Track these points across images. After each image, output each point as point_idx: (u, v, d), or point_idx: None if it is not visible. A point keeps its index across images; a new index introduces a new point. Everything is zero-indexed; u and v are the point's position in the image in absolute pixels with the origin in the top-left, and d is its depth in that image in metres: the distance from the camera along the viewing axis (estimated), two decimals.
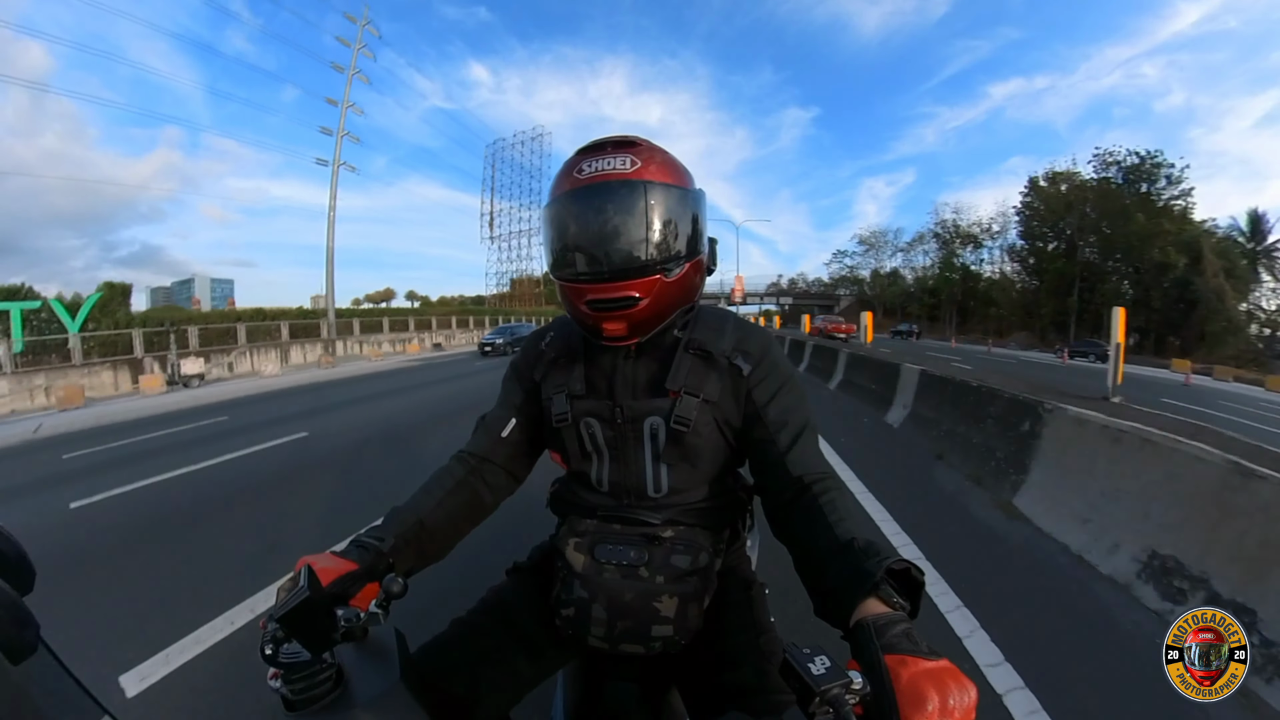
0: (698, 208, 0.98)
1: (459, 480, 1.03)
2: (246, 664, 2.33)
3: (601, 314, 0.95)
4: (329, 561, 0.80)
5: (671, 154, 1.00)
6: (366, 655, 0.81)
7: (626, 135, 0.97)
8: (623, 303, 0.93)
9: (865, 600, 0.65)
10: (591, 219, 0.93)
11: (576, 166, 0.94)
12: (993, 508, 3.84)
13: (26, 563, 0.64)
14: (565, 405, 1.02)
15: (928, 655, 0.55)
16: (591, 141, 0.98)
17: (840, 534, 0.77)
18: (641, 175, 0.92)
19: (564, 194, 0.95)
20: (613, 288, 0.92)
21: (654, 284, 0.93)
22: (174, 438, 8.17)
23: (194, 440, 7.78)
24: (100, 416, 11.21)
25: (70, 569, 3.45)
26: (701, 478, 1.01)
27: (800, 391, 1.00)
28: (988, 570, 2.96)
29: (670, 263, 0.94)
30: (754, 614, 1.00)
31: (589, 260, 0.94)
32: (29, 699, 0.56)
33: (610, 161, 0.92)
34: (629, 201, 0.91)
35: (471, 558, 2.00)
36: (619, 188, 0.91)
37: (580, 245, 0.94)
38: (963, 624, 2.44)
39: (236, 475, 5.65)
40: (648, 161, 0.93)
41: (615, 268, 0.92)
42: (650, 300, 0.94)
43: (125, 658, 2.43)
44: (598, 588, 0.91)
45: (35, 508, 4.95)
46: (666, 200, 0.93)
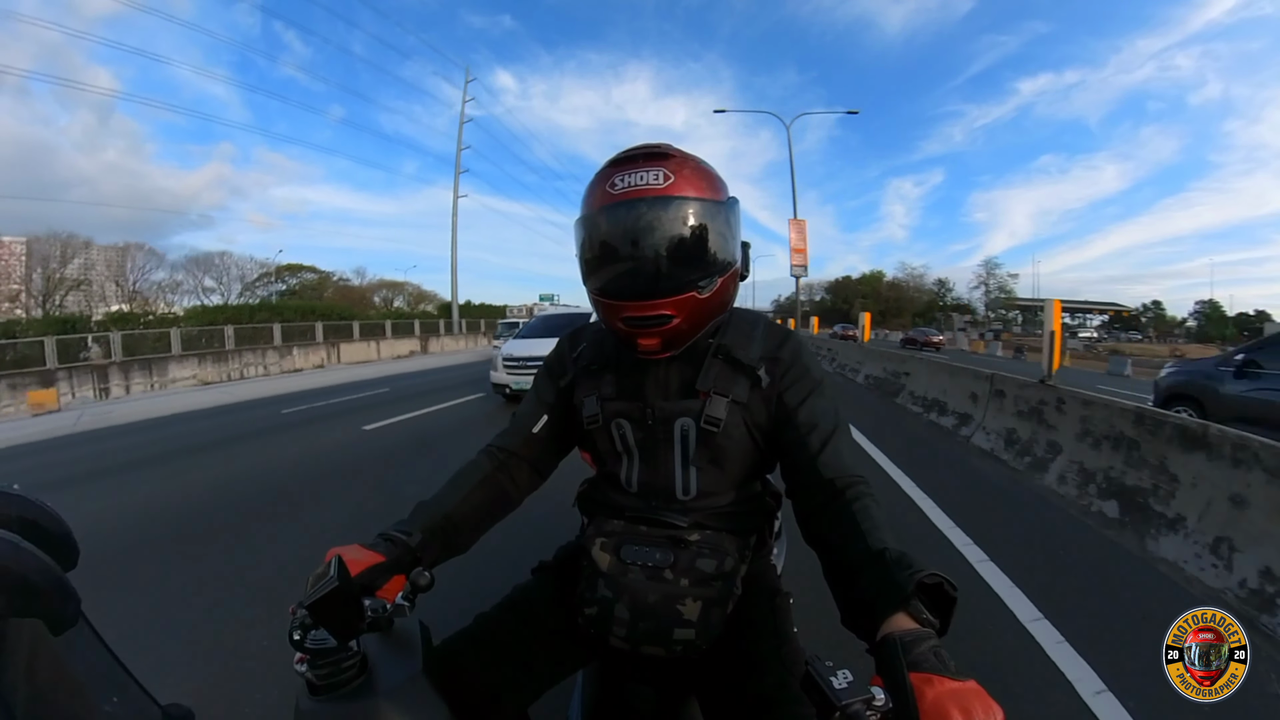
0: (731, 218, 0.96)
1: (486, 475, 1.04)
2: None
3: (636, 330, 0.95)
4: (358, 553, 0.82)
5: (704, 162, 0.98)
6: (391, 645, 0.82)
7: (658, 145, 0.96)
8: (656, 320, 0.92)
9: (894, 614, 0.63)
10: (624, 236, 0.91)
11: (609, 180, 0.93)
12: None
13: (71, 540, 0.66)
14: (597, 407, 1.02)
15: (955, 675, 0.54)
16: (623, 152, 0.96)
17: (872, 543, 0.75)
18: (674, 191, 0.90)
19: (596, 210, 0.94)
20: (646, 306, 0.92)
21: (688, 301, 0.92)
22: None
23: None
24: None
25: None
26: (730, 482, 1.00)
27: (831, 394, 0.98)
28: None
29: (704, 279, 0.93)
30: (777, 623, 0.98)
31: (622, 277, 0.93)
32: (67, 668, 0.59)
33: (643, 175, 0.91)
34: (662, 219, 0.90)
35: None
36: (652, 204, 0.90)
37: (613, 262, 0.94)
38: (909, 489, 4.28)
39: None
40: (680, 175, 0.91)
41: (648, 286, 0.91)
42: (684, 318, 0.93)
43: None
44: (622, 588, 0.90)
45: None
46: (700, 215, 0.91)
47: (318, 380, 14.82)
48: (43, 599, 0.52)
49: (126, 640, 0.67)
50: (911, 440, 5.98)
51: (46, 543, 0.58)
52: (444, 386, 11.63)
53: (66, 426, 9.31)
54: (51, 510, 0.65)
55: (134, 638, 2.42)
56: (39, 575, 0.52)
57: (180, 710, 0.70)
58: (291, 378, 16.69)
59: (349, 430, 7.24)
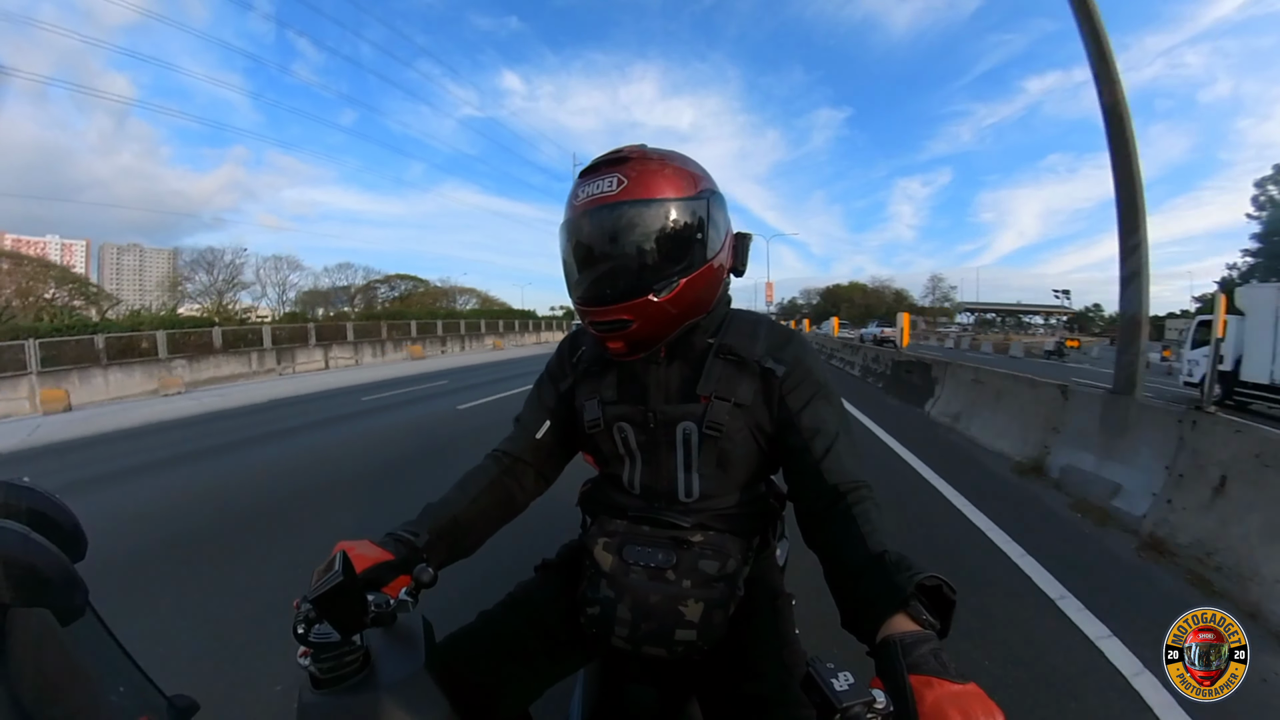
0: (699, 214, 0.94)
1: (492, 479, 1.05)
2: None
3: (603, 334, 0.97)
4: (365, 549, 0.82)
5: (676, 159, 0.97)
6: (394, 641, 0.82)
7: (623, 150, 0.95)
8: (616, 324, 0.94)
9: (894, 616, 0.63)
10: (580, 246, 0.95)
11: (575, 192, 0.95)
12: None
13: (80, 532, 0.67)
14: (598, 410, 1.03)
15: (955, 678, 0.53)
16: (592, 161, 0.97)
17: (872, 546, 0.75)
18: (625, 196, 0.90)
19: (564, 221, 0.97)
20: (604, 312, 0.94)
21: (644, 305, 0.92)
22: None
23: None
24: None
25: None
26: (733, 484, 1.00)
27: (835, 398, 0.98)
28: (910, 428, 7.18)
29: (659, 282, 0.92)
30: (779, 624, 0.98)
31: (583, 285, 0.96)
32: (75, 657, 0.59)
33: (599, 184, 0.91)
34: (609, 227, 0.91)
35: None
36: (601, 213, 0.91)
37: (575, 271, 0.97)
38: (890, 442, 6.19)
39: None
40: (636, 178, 0.90)
41: (602, 293, 0.93)
42: (641, 321, 0.93)
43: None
44: (624, 588, 0.90)
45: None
46: (651, 218, 0.90)
47: (437, 365, 20.66)
48: (51, 589, 0.53)
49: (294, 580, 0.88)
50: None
51: (56, 535, 0.59)
52: (526, 373, 14.29)
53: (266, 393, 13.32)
54: (61, 503, 0.66)
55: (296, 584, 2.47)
56: (48, 566, 0.52)
57: (185, 701, 0.71)
58: (418, 363, 22.78)
59: (446, 409, 9.34)
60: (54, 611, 0.55)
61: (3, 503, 0.62)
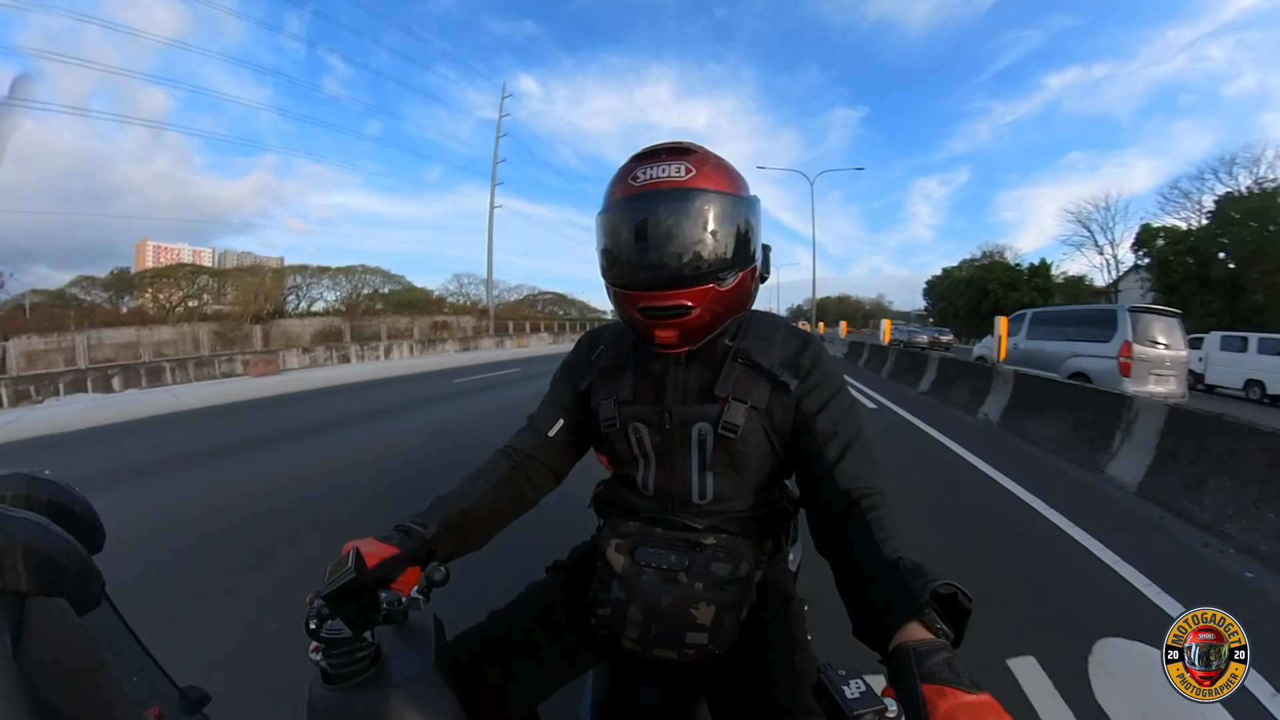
0: (751, 215, 0.96)
1: (503, 474, 1.05)
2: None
3: (653, 321, 0.94)
4: (373, 546, 0.83)
5: (726, 160, 0.98)
6: (405, 638, 0.83)
7: (681, 141, 0.96)
8: (675, 311, 0.92)
9: (907, 624, 0.62)
10: (646, 226, 0.91)
11: (631, 173, 0.94)
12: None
13: (98, 524, 0.68)
14: (614, 411, 1.02)
15: (968, 688, 0.52)
16: (646, 148, 0.97)
17: (886, 552, 0.73)
18: (696, 183, 0.90)
19: (618, 201, 0.94)
20: (665, 296, 0.92)
21: (707, 293, 0.92)
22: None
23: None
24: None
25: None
26: (747, 487, 0.99)
27: (851, 402, 0.97)
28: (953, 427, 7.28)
29: (724, 271, 0.93)
30: (791, 630, 0.97)
31: (642, 268, 0.93)
32: (90, 646, 0.60)
33: (665, 168, 0.91)
34: (683, 209, 0.90)
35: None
36: (674, 195, 0.90)
37: (634, 252, 0.93)
38: (932, 432, 6.67)
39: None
40: (702, 168, 0.92)
41: (668, 276, 0.91)
42: (702, 309, 0.93)
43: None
44: (636, 590, 0.89)
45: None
46: (721, 208, 0.91)
47: (513, 354, 24.60)
48: (68, 580, 0.53)
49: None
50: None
51: (74, 526, 0.60)
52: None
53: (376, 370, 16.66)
54: (80, 495, 0.67)
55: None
56: (66, 557, 0.53)
57: (197, 692, 0.71)
58: (496, 351, 27.54)
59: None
60: (71, 601, 0.55)
61: (25, 494, 0.63)
